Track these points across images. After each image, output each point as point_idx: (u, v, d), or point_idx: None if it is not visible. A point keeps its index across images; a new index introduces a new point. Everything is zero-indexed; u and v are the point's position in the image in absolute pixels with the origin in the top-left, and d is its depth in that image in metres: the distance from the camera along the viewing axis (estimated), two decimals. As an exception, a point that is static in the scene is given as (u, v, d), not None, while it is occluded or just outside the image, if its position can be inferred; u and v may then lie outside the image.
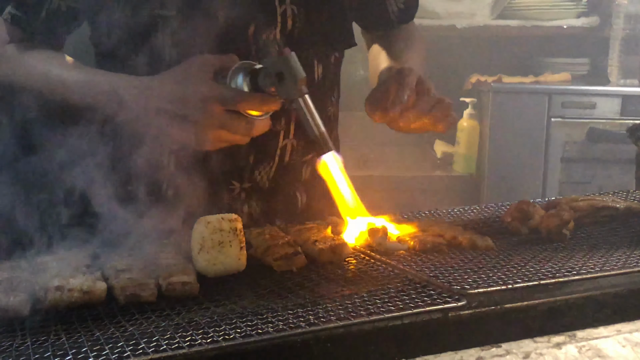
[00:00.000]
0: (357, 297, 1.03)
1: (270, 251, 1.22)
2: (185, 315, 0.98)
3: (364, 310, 0.97)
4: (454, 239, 1.32)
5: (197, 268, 1.14)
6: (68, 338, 0.90)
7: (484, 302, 1.02)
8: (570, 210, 1.42)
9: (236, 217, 1.17)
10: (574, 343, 0.92)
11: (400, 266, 1.19)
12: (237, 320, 0.95)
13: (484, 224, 1.50)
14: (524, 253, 1.27)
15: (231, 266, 1.15)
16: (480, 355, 0.88)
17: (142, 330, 0.92)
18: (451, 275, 1.13)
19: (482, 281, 1.09)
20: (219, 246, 1.14)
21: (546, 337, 0.94)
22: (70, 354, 0.84)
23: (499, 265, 1.19)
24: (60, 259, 1.13)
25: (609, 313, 1.05)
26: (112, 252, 1.18)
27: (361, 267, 1.20)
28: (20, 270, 1.09)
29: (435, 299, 1.02)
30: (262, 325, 0.92)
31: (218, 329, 0.91)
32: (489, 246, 1.30)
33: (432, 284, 1.08)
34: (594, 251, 1.27)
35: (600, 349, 0.91)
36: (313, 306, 1.00)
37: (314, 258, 1.23)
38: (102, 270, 1.12)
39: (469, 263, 1.21)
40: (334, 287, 1.10)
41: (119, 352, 0.85)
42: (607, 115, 3.94)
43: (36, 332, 0.93)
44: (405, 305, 0.99)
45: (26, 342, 0.90)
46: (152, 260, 1.15)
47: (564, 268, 1.16)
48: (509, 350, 0.90)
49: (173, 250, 1.21)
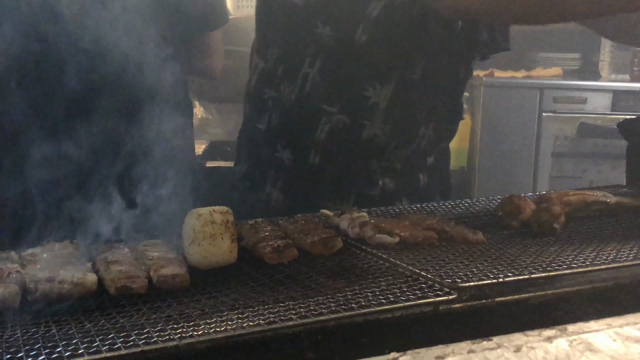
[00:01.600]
0: (349, 289, 1.03)
1: (262, 244, 1.21)
2: (176, 307, 0.98)
3: (355, 303, 0.97)
4: (445, 232, 1.32)
5: (189, 260, 1.14)
6: (59, 329, 0.90)
7: (475, 296, 1.02)
8: (561, 204, 1.42)
9: (227, 209, 1.17)
10: (565, 337, 0.92)
11: (391, 259, 1.19)
12: (228, 313, 0.94)
13: (475, 217, 1.50)
14: (515, 247, 1.27)
15: (222, 258, 1.14)
16: (471, 349, 0.88)
17: (133, 322, 0.92)
18: (442, 268, 1.13)
19: (473, 275, 1.09)
20: (211, 238, 1.13)
21: (537, 330, 0.94)
22: (61, 346, 0.84)
23: (490, 258, 1.19)
24: (51, 250, 1.12)
25: (600, 307, 1.05)
26: (102, 243, 1.18)
27: (352, 260, 1.20)
28: (11, 261, 1.08)
29: (427, 292, 1.02)
30: (253, 318, 0.92)
31: (209, 321, 0.91)
32: (480, 240, 1.30)
33: (423, 277, 1.08)
34: (584, 245, 1.28)
35: (591, 342, 0.91)
36: (304, 299, 1.00)
37: (306, 251, 1.23)
38: (93, 262, 1.11)
39: (460, 257, 1.21)
40: (325, 279, 1.10)
41: (109, 344, 0.84)
42: (598, 110, 3.96)
43: (26, 323, 0.93)
44: (397, 299, 0.99)
45: (16, 333, 0.89)
46: (143, 252, 1.15)
47: (555, 262, 1.16)
48: (500, 343, 0.90)
49: (164, 243, 1.21)
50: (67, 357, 0.81)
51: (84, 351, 0.83)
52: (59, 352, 0.82)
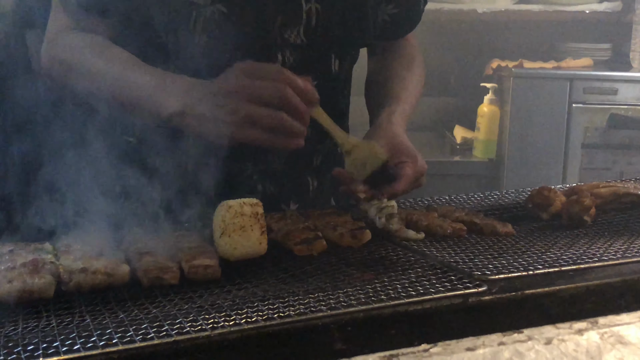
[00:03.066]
0: (378, 281, 1.04)
1: (291, 235, 1.22)
2: (208, 298, 0.99)
3: (384, 295, 0.97)
4: (474, 224, 1.32)
5: (219, 252, 1.15)
6: (93, 319, 0.91)
7: (505, 288, 1.02)
8: (592, 196, 1.41)
9: (257, 201, 1.18)
10: (595, 329, 0.92)
11: (420, 251, 1.19)
12: (259, 304, 0.95)
13: (504, 209, 1.50)
14: (545, 239, 1.27)
15: (252, 250, 1.15)
16: (502, 341, 0.88)
17: (165, 312, 0.93)
18: (472, 261, 1.13)
19: (503, 267, 1.09)
20: (241, 230, 1.14)
21: (568, 323, 0.94)
22: (95, 335, 0.85)
23: (520, 251, 1.19)
24: (84, 241, 1.14)
25: (631, 300, 1.05)
26: (136, 234, 1.20)
27: (381, 252, 1.20)
28: (45, 252, 1.10)
29: (456, 285, 1.02)
30: (284, 309, 0.93)
31: (240, 312, 0.92)
32: (509, 232, 1.29)
33: (452, 270, 1.09)
34: (615, 238, 1.27)
35: (622, 335, 0.91)
36: (334, 290, 1.00)
37: (335, 242, 1.24)
38: (125, 252, 1.13)
39: (490, 249, 1.21)
40: (355, 271, 1.10)
41: (142, 334, 0.86)
42: (628, 101, 3.90)
43: (61, 313, 0.94)
44: (426, 290, 0.99)
45: (51, 323, 0.91)
46: (174, 243, 1.16)
47: (585, 254, 1.16)
48: (530, 336, 0.90)
49: (195, 234, 1.22)
50: (101, 346, 0.83)
51: (117, 340, 0.84)
52: (93, 342, 0.84)
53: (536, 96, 3.90)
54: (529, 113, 3.91)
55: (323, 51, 1.57)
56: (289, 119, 1.25)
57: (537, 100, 3.90)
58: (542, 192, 1.43)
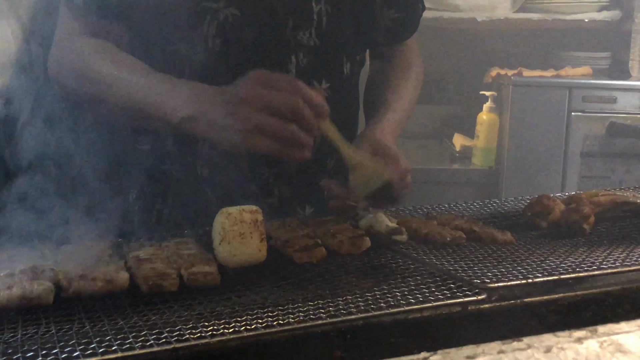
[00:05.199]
0: (377, 289, 1.04)
1: (290, 243, 1.22)
2: (207, 305, 0.99)
3: (383, 303, 0.98)
4: (474, 232, 1.32)
5: (218, 259, 1.15)
6: (92, 326, 0.91)
7: (504, 296, 1.02)
8: (591, 205, 1.41)
9: (257, 208, 1.18)
10: (595, 338, 0.92)
11: (419, 259, 1.19)
12: (258, 311, 0.95)
13: (503, 217, 1.50)
14: (544, 247, 1.27)
15: (252, 257, 1.15)
16: (501, 349, 0.88)
17: (164, 319, 0.93)
18: (471, 269, 1.13)
19: (502, 275, 1.09)
20: (240, 237, 1.14)
21: (567, 331, 0.93)
22: (95, 342, 0.85)
23: (519, 259, 1.19)
24: (83, 248, 1.14)
25: (630, 308, 1.04)
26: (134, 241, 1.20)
27: (381, 260, 1.20)
28: (45, 259, 1.10)
29: (455, 293, 1.02)
30: (283, 316, 0.93)
31: (240, 319, 0.92)
32: (508, 240, 1.29)
33: (452, 278, 1.09)
34: (614, 246, 1.27)
35: (621, 344, 0.91)
36: (333, 298, 1.00)
37: (334, 250, 1.24)
38: (125, 259, 1.13)
39: (489, 257, 1.21)
40: (354, 279, 1.10)
41: (142, 341, 0.86)
42: (628, 110, 3.90)
43: (60, 320, 0.94)
44: (425, 298, 0.99)
45: (50, 330, 0.91)
46: (174, 250, 1.16)
47: (585, 263, 1.16)
48: (530, 344, 0.89)
49: (194, 241, 1.22)
50: (100, 353, 0.83)
51: (117, 348, 0.84)
52: (92, 349, 0.84)
53: (535, 104, 3.90)
54: (528, 121, 3.91)
55: (335, 53, 1.58)
56: (298, 130, 1.25)
57: (536, 108, 3.90)
58: (541, 200, 1.43)
